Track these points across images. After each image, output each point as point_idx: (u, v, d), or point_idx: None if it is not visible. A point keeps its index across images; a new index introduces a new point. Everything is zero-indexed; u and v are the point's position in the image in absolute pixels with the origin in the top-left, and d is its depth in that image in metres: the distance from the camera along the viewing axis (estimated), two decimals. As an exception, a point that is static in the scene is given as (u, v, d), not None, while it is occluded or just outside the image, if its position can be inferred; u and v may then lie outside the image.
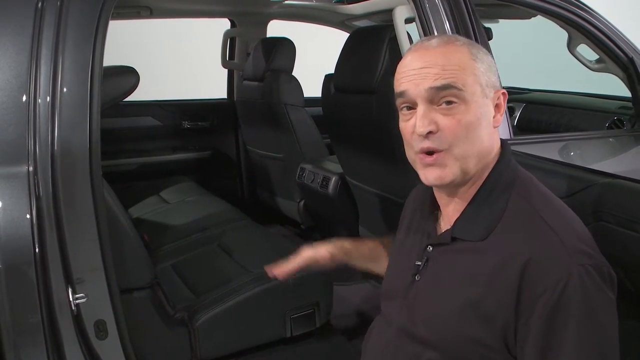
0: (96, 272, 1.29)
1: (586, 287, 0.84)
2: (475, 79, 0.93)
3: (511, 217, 0.93)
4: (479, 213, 0.96)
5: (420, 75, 0.93)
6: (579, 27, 2.07)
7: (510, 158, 1.00)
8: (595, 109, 2.54)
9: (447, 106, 0.91)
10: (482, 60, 0.95)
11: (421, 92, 0.92)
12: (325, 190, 2.48)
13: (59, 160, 1.22)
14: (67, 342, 1.25)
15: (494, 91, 0.96)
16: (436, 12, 1.69)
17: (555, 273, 0.84)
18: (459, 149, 0.92)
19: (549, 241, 0.87)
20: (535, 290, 0.85)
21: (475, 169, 0.95)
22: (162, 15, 2.74)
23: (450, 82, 0.91)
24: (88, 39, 1.27)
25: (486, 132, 0.95)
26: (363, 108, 2.01)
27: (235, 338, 1.65)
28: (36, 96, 1.21)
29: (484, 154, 0.96)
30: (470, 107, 0.92)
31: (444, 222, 1.04)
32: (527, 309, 0.85)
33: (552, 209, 0.94)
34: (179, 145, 3.07)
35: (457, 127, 0.91)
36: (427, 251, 1.03)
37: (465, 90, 0.91)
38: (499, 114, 0.97)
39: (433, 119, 0.92)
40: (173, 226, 2.26)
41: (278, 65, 2.71)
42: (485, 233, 0.94)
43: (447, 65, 0.92)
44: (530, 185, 0.99)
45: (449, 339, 0.94)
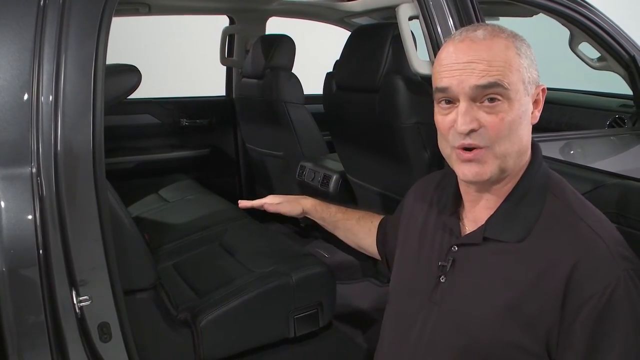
0: (100, 273, 1.27)
1: (631, 294, 0.83)
2: (519, 76, 0.90)
3: (550, 218, 0.91)
4: (515, 213, 0.94)
5: (465, 71, 0.89)
6: (580, 25, 2.06)
7: (541, 159, 0.98)
8: (596, 107, 2.53)
9: (490, 104, 0.89)
10: (526, 55, 0.92)
11: (465, 89, 0.89)
12: (326, 189, 2.47)
13: (63, 161, 1.19)
14: (71, 345, 1.23)
15: (534, 87, 0.93)
16: (440, 9, 1.68)
17: (603, 278, 0.83)
18: (501, 147, 0.89)
19: (594, 245, 0.86)
20: (582, 295, 0.83)
21: (512, 168, 0.93)
22: (161, 12, 2.71)
23: (497, 80, 0.87)
24: (91, 37, 1.24)
25: (526, 130, 0.93)
26: (366, 106, 2.00)
27: (239, 338, 1.64)
28: (39, 95, 1.19)
29: (522, 152, 0.93)
30: (513, 105, 0.89)
31: (469, 221, 1.01)
32: (573, 313, 0.84)
33: (590, 212, 0.92)
34: (178, 143, 3.04)
35: (500, 125, 0.88)
36: (452, 251, 0.99)
37: (510, 89, 0.88)
38: (537, 110, 0.95)
39: (475, 116, 0.89)
40: (173, 225, 2.24)
41: (278, 63, 2.69)
42: (522, 234, 0.91)
43: (494, 61, 0.88)
44: (565, 186, 0.97)
45: (484, 342, 0.91)
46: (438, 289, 0.99)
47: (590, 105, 2.57)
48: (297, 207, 1.51)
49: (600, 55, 2.19)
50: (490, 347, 0.90)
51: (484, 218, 0.97)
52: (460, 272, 0.97)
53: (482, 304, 0.92)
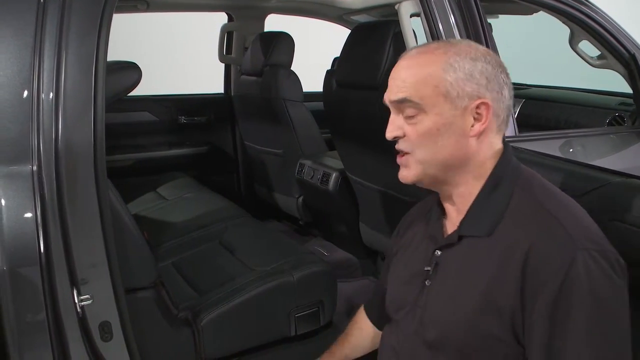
0: (101, 272, 1.26)
1: (591, 273, 0.83)
2: (437, 91, 0.94)
3: (515, 210, 0.95)
4: (483, 209, 0.98)
5: (391, 86, 1.01)
6: (581, 23, 2.06)
7: (511, 157, 1.01)
8: (595, 105, 2.54)
9: (408, 116, 0.97)
10: (456, 70, 0.95)
11: (387, 103, 1.01)
12: (326, 187, 2.46)
13: (64, 158, 1.18)
14: (72, 345, 1.22)
15: (470, 101, 0.95)
16: (441, 7, 1.68)
17: (557, 260, 0.85)
18: (420, 154, 0.97)
19: (551, 230, 0.88)
20: (537, 279, 0.86)
21: (445, 174, 0.99)
22: (159, 9, 2.70)
23: (405, 96, 0.96)
24: (92, 33, 1.23)
25: (453, 141, 0.96)
26: (366, 104, 1.99)
27: (240, 337, 1.64)
28: (39, 92, 1.18)
29: (452, 161, 0.98)
30: (429, 117, 0.95)
31: (450, 225, 1.05)
32: (532, 298, 0.86)
33: (556, 201, 0.95)
34: (176, 141, 3.03)
35: (415, 135, 0.97)
36: (435, 256, 1.03)
37: (423, 102, 0.95)
38: (478, 123, 0.96)
39: (400, 125, 0.99)
40: (172, 223, 2.23)
41: (277, 60, 2.68)
42: (490, 227, 0.95)
43: (408, 78, 0.97)
44: (533, 180, 1.00)
45: (463, 337, 0.94)
46: (424, 293, 1.04)
47: (589, 104, 2.57)
48: None
49: (601, 53, 2.19)
50: (470, 340, 0.93)
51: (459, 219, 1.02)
52: (442, 273, 1.02)
53: (461, 299, 0.96)
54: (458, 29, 1.67)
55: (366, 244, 2.40)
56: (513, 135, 1.72)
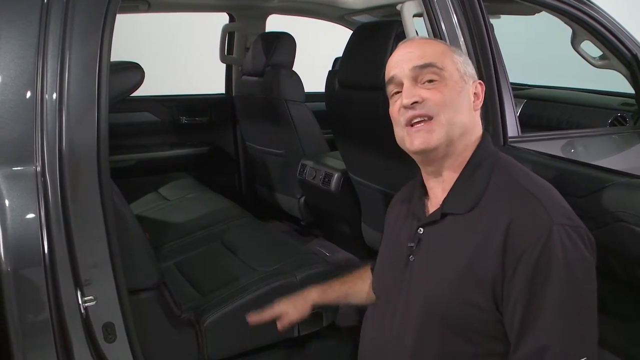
0: (104, 273, 1.26)
1: (565, 246, 0.91)
2: (453, 65, 1.06)
3: (495, 188, 1.02)
4: (466, 188, 1.05)
5: (405, 59, 1.06)
6: (583, 23, 2.06)
7: (489, 142, 1.11)
8: (597, 105, 2.53)
9: (429, 83, 1.04)
10: (460, 55, 1.10)
11: (405, 71, 1.05)
12: (328, 187, 2.46)
13: (67, 159, 1.18)
14: (76, 346, 1.22)
15: (472, 80, 1.09)
16: (444, 7, 1.68)
17: (535, 232, 0.92)
18: (445, 114, 1.02)
19: (530, 206, 0.95)
20: (517, 250, 0.92)
21: (458, 141, 1.05)
22: (161, 9, 2.69)
23: (431, 61, 1.04)
24: (95, 34, 1.23)
25: (467, 109, 1.07)
26: (369, 104, 1.99)
27: (243, 338, 1.63)
28: (43, 93, 1.17)
29: (467, 129, 1.06)
30: (449, 84, 1.04)
31: (432, 205, 1.12)
32: (512, 267, 0.93)
33: (533, 182, 1.03)
34: (177, 141, 3.02)
35: (440, 97, 1.02)
36: (418, 233, 1.10)
37: (445, 70, 1.04)
38: (478, 100, 1.09)
39: (417, 92, 1.03)
40: (175, 224, 2.23)
41: (278, 60, 2.68)
42: (472, 205, 1.02)
43: (428, 50, 1.06)
44: (511, 163, 1.08)
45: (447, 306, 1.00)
46: (407, 268, 1.10)
47: (591, 104, 2.56)
48: (307, 307, 1.45)
49: (603, 53, 2.19)
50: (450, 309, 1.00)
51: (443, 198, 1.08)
52: (426, 249, 1.08)
53: (441, 272, 1.02)
54: (461, 29, 1.67)
55: (368, 245, 2.40)
56: (516, 135, 1.72)
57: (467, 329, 0.99)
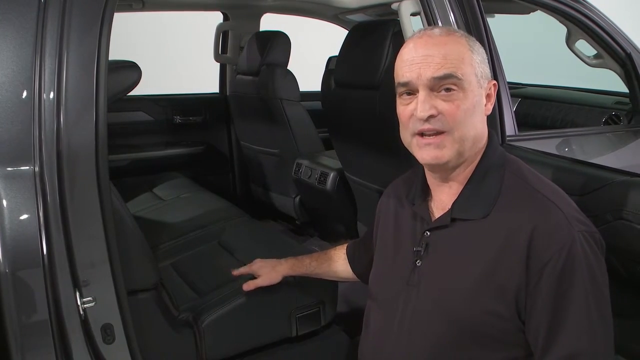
0: (103, 274, 1.24)
1: (586, 252, 0.92)
2: (472, 70, 1.00)
3: (509, 193, 1.00)
4: (477, 193, 1.02)
5: (423, 65, 0.98)
6: (578, 22, 2.08)
7: (497, 143, 1.08)
8: (592, 104, 2.55)
9: (446, 93, 0.98)
10: (478, 52, 1.03)
11: (423, 80, 0.98)
12: (323, 186, 2.46)
13: (65, 158, 1.17)
14: (74, 347, 1.20)
15: (487, 82, 1.04)
16: (441, 6, 1.68)
17: (559, 240, 0.92)
18: (459, 132, 0.98)
19: (550, 212, 0.95)
20: (542, 258, 0.92)
21: (469, 152, 1.02)
22: (155, 8, 2.68)
23: (451, 72, 0.97)
24: (93, 32, 1.21)
25: (480, 119, 1.03)
26: (365, 103, 1.99)
27: (241, 338, 1.62)
28: (41, 92, 1.16)
29: (478, 138, 1.03)
30: (467, 94, 0.99)
31: (437, 208, 1.09)
32: (536, 275, 0.92)
33: (546, 185, 1.02)
34: (171, 141, 3.01)
35: (456, 111, 0.97)
36: (425, 236, 1.06)
37: (464, 80, 0.98)
38: (489, 103, 1.06)
39: (433, 104, 0.98)
40: (170, 224, 2.21)
41: (273, 59, 2.67)
42: (486, 211, 1.00)
43: (449, 55, 0.98)
44: (521, 165, 1.06)
45: (462, 314, 0.98)
46: (415, 273, 1.07)
47: (585, 103, 2.58)
48: (277, 276, 1.56)
49: (597, 52, 2.20)
50: (468, 317, 0.98)
51: (450, 202, 1.05)
52: (434, 254, 1.05)
53: (457, 279, 1.00)
54: (458, 27, 1.67)
55: (364, 244, 2.40)
56: (513, 134, 1.72)
57: (485, 336, 0.97)
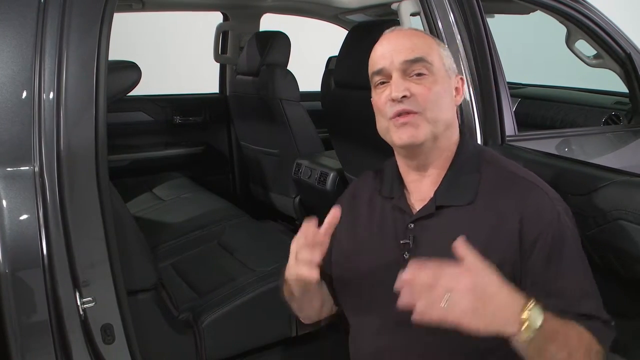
0: (103, 274, 1.25)
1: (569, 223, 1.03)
2: (440, 60, 1.08)
3: (490, 179, 1.06)
4: (458, 180, 1.07)
5: (395, 51, 1.05)
6: (577, 22, 2.08)
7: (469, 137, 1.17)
8: (591, 104, 2.55)
9: (418, 77, 1.05)
10: (444, 48, 1.12)
11: (396, 65, 1.04)
12: (323, 186, 2.45)
13: (65, 159, 1.17)
14: (74, 348, 1.20)
15: (455, 75, 1.12)
16: (441, 6, 1.68)
17: (547, 216, 1.01)
18: (431, 112, 1.03)
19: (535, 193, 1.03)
20: (533, 232, 1.00)
21: (442, 137, 1.07)
22: (155, 8, 2.68)
23: (422, 56, 1.05)
24: (93, 32, 1.21)
25: (450, 105, 1.09)
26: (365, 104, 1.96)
27: (241, 338, 1.63)
28: (40, 92, 1.16)
29: (450, 124, 1.08)
30: (437, 79, 1.06)
31: (416, 200, 1.11)
32: (529, 248, 0.99)
33: (521, 169, 1.10)
34: (171, 141, 3.00)
35: (428, 93, 1.04)
36: (410, 229, 1.08)
37: (433, 65, 1.06)
38: (458, 95, 1.13)
39: (407, 86, 1.03)
40: (170, 224, 2.21)
41: (273, 60, 2.66)
42: (471, 196, 1.05)
43: (418, 44, 1.07)
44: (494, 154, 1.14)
45: None
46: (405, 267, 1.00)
47: (585, 103, 2.58)
48: None
49: (597, 52, 2.20)
50: None
51: (430, 193, 1.08)
52: (423, 244, 1.06)
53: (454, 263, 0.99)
54: (457, 27, 1.67)
55: (364, 244, 2.40)
56: (513, 134, 1.72)
57: None
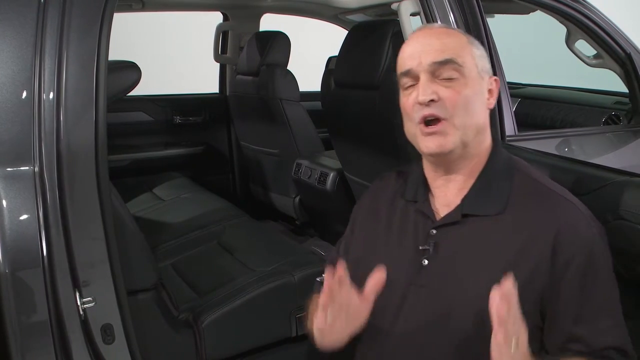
0: (103, 274, 1.25)
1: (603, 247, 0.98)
2: (472, 61, 1.01)
3: (522, 191, 1.01)
4: (488, 188, 1.01)
5: (423, 52, 0.99)
6: (577, 22, 2.08)
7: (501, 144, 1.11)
8: (591, 104, 2.55)
9: (447, 80, 0.99)
10: (478, 47, 1.05)
11: (424, 66, 0.99)
12: (323, 186, 2.45)
13: (65, 159, 1.17)
14: (74, 347, 1.20)
15: (488, 76, 1.05)
16: (441, 6, 1.68)
17: (582, 237, 0.96)
18: (459, 119, 0.98)
19: (571, 211, 0.98)
20: (567, 255, 0.94)
21: (473, 143, 1.01)
22: (155, 8, 2.67)
23: (452, 57, 0.98)
24: (93, 31, 1.21)
25: (481, 109, 1.03)
26: (365, 103, 1.99)
27: (241, 338, 1.63)
28: (40, 92, 1.16)
29: (481, 129, 1.03)
30: (468, 82, 0.99)
31: (441, 205, 1.06)
32: (560, 271, 0.94)
33: (555, 183, 1.04)
34: (171, 141, 3.00)
35: (457, 98, 0.98)
36: (432, 235, 1.03)
37: (464, 67, 0.99)
38: (492, 98, 1.06)
39: (434, 89, 0.98)
40: (170, 224, 2.21)
41: (273, 60, 2.66)
42: (501, 207, 0.99)
43: (449, 44, 1.00)
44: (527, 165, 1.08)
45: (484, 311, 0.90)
46: (422, 273, 1.02)
47: (585, 103, 2.57)
48: None
49: (597, 52, 2.20)
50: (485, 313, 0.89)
51: (457, 200, 1.03)
52: (444, 252, 1.02)
53: (476, 275, 0.97)
54: (458, 27, 1.67)
55: (364, 244, 2.39)
56: (512, 134, 1.72)
57: None
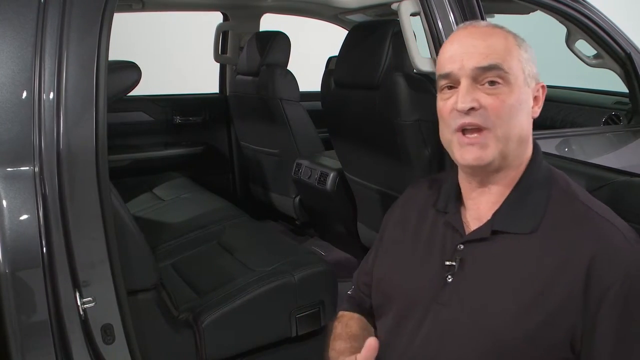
0: (103, 274, 1.24)
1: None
2: (519, 65, 0.93)
3: (559, 209, 0.92)
4: (522, 204, 0.93)
5: (466, 55, 0.92)
6: (577, 22, 2.07)
7: (542, 154, 0.99)
8: (591, 104, 2.55)
9: (490, 87, 0.90)
10: (526, 50, 0.95)
11: (466, 71, 0.91)
12: (323, 186, 2.45)
13: (65, 159, 1.17)
14: (74, 347, 1.20)
15: (534, 82, 0.96)
16: (441, 6, 1.67)
17: (622, 264, 0.85)
18: (502, 130, 0.90)
19: (610, 233, 0.87)
20: (604, 283, 0.84)
21: (513, 155, 0.93)
22: (155, 8, 2.67)
23: (496, 63, 0.90)
24: (93, 32, 1.21)
25: (526, 119, 0.94)
26: (365, 103, 1.99)
27: (241, 338, 1.63)
28: (41, 92, 1.16)
29: (523, 140, 0.94)
30: (513, 89, 0.91)
31: (472, 219, 0.99)
32: (596, 301, 0.84)
33: (595, 201, 0.94)
34: (171, 141, 3.00)
35: (500, 107, 0.90)
36: (459, 250, 0.96)
37: (510, 73, 0.91)
38: (537, 106, 0.97)
39: (475, 96, 0.90)
40: (170, 224, 2.21)
41: (273, 60, 2.67)
42: (533, 225, 0.91)
43: (494, 46, 0.92)
44: (568, 179, 0.98)
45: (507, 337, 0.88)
46: (445, 290, 0.96)
47: (585, 103, 2.57)
48: None
49: (597, 52, 2.20)
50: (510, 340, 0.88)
51: (488, 214, 0.96)
52: (470, 270, 0.94)
53: (502, 299, 0.90)
54: (457, 28, 1.67)
55: (364, 244, 2.39)
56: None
57: None
